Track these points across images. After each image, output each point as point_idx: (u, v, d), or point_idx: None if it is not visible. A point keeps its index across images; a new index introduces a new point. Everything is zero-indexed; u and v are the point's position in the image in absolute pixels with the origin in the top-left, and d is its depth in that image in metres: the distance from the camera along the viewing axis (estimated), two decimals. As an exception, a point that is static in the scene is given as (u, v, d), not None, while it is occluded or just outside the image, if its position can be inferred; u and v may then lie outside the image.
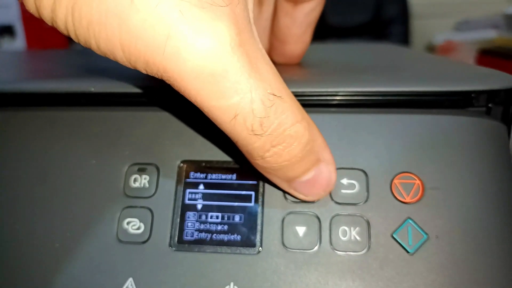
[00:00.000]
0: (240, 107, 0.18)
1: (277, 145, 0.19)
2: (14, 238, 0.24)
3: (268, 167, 0.21)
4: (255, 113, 0.18)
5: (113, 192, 0.24)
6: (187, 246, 0.23)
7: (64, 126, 0.26)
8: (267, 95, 0.18)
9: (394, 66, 0.33)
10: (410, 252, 0.22)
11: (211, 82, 0.17)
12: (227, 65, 0.17)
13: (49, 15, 0.18)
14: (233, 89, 0.18)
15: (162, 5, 0.17)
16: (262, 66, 0.19)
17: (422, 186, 0.23)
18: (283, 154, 0.20)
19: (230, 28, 0.17)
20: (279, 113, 0.19)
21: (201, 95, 0.18)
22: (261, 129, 0.18)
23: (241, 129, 0.18)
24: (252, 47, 0.19)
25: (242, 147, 0.20)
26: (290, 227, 0.23)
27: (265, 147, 0.19)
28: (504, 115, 0.25)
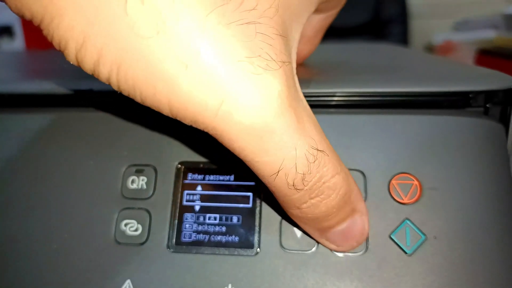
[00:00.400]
0: (283, 164, 0.18)
1: (316, 197, 0.19)
2: (12, 240, 0.24)
3: (304, 217, 0.20)
4: (298, 169, 0.18)
5: (111, 193, 0.24)
6: (185, 248, 0.23)
7: (61, 127, 0.26)
8: (311, 150, 0.18)
9: (393, 66, 0.33)
10: (408, 253, 0.22)
11: (258, 141, 0.17)
12: (276, 125, 0.17)
13: (91, 68, 0.18)
14: (278, 147, 0.17)
15: (216, 72, 0.16)
16: (307, 122, 0.19)
17: (420, 187, 0.23)
18: (321, 205, 0.20)
19: (281, 91, 0.17)
20: (321, 167, 0.19)
21: (247, 151, 0.18)
22: (302, 184, 0.18)
23: (282, 184, 0.18)
24: (299, 104, 0.19)
25: (279, 198, 0.20)
26: (288, 228, 0.23)
27: (303, 199, 0.19)
28: (502, 115, 0.25)
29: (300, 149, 0.18)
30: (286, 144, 0.17)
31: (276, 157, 0.18)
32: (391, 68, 0.32)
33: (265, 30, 0.17)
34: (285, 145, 0.17)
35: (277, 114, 0.17)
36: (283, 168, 0.18)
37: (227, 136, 0.17)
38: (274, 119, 0.17)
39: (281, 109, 0.17)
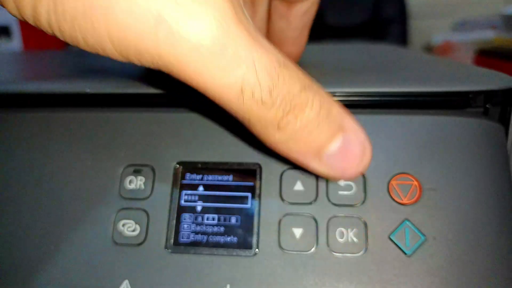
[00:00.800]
0: (245, 80, 0.17)
1: (290, 111, 0.19)
2: (9, 240, 0.24)
3: (288, 138, 0.20)
4: (262, 85, 0.17)
5: (109, 193, 0.24)
6: (183, 248, 0.23)
7: (59, 127, 0.26)
8: (272, 64, 0.18)
9: (391, 66, 0.33)
10: (407, 254, 0.22)
11: (211, 59, 0.17)
12: (227, 39, 0.17)
13: (31, 14, 0.18)
14: (235, 63, 0.17)
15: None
16: (262, 39, 0.18)
17: (419, 187, 0.23)
18: (297, 120, 0.19)
19: (225, 5, 0.17)
20: (287, 79, 0.18)
21: (203, 75, 0.17)
22: (270, 99, 0.18)
23: (251, 104, 0.18)
24: (249, 24, 0.18)
25: (256, 124, 0.19)
26: (287, 228, 0.23)
27: (278, 115, 0.18)
28: (501, 115, 0.25)
29: (259, 63, 0.17)
30: (243, 59, 0.17)
31: (236, 73, 0.17)
32: (390, 69, 0.32)
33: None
34: (242, 59, 0.17)
35: (225, 28, 0.17)
36: (247, 86, 0.17)
37: (176, 61, 0.17)
38: (223, 32, 0.17)
39: (227, 23, 0.17)
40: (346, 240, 0.22)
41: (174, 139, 0.25)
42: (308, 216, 0.23)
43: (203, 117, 0.25)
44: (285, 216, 0.23)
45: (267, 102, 0.18)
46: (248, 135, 0.24)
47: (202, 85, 0.18)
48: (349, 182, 0.23)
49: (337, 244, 0.22)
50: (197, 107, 0.26)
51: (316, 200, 0.23)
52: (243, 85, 0.17)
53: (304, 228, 0.23)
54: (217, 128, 0.25)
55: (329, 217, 0.23)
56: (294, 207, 0.23)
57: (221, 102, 0.18)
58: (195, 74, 0.17)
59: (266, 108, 0.18)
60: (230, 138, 0.24)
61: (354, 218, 0.23)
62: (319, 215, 0.23)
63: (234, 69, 0.17)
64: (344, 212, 0.23)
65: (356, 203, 0.23)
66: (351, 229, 0.22)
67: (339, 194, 0.23)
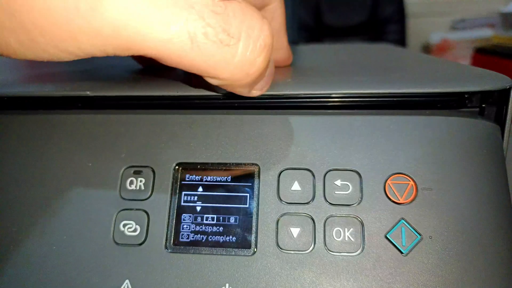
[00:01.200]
0: (190, 25, 0.17)
1: (261, 52, 0.19)
2: (11, 241, 0.24)
3: (251, 81, 0.20)
4: (212, 23, 0.17)
5: (109, 194, 0.24)
6: (183, 248, 0.23)
7: (60, 129, 0.26)
8: (213, 2, 0.17)
9: (388, 67, 0.34)
10: (403, 253, 0.22)
11: (144, 17, 0.16)
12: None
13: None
14: (172, 11, 0.17)
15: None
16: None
17: (415, 187, 0.23)
18: (265, 61, 0.19)
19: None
20: (241, 15, 0.18)
21: (143, 34, 0.17)
22: (228, 36, 0.18)
23: (209, 47, 0.17)
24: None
25: (225, 72, 0.19)
26: (285, 228, 0.23)
27: (249, 58, 0.18)
28: (497, 115, 0.25)
29: (198, 2, 0.17)
30: (179, 5, 0.17)
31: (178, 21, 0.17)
32: (386, 69, 0.32)
33: None
34: (178, 6, 0.17)
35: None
36: (195, 30, 0.17)
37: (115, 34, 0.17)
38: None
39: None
40: (343, 239, 0.22)
41: (173, 140, 0.25)
42: (306, 216, 0.23)
43: (202, 119, 0.25)
44: (282, 216, 0.23)
45: (225, 39, 0.18)
46: (247, 136, 0.24)
47: (150, 47, 0.17)
48: (346, 182, 0.23)
49: (334, 244, 0.22)
50: (196, 108, 0.26)
51: (313, 200, 0.23)
52: (189, 30, 0.17)
53: (301, 228, 0.23)
54: (216, 130, 0.25)
55: (326, 217, 0.23)
56: (292, 207, 0.23)
57: (177, 59, 0.18)
58: (137, 37, 0.17)
59: (230, 48, 0.18)
60: (229, 139, 0.25)
61: (351, 217, 0.23)
62: (316, 215, 0.23)
63: (173, 18, 0.17)
64: (341, 211, 0.23)
65: (353, 203, 0.23)
66: (348, 228, 0.23)
67: (336, 194, 0.23)
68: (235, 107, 0.26)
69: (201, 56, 0.18)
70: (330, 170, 0.24)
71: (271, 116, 0.25)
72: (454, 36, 1.13)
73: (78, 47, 0.17)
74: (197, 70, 0.19)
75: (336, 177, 0.23)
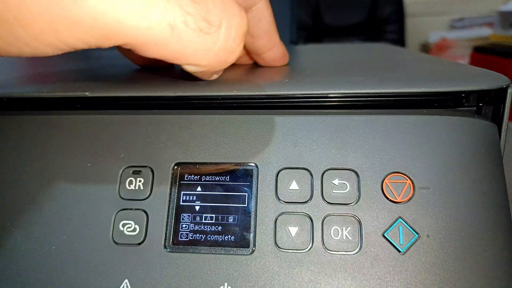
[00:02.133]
0: (169, 13, 0.17)
1: (242, 40, 0.19)
2: (11, 241, 0.24)
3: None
4: (192, 13, 0.17)
5: (108, 194, 0.25)
6: (182, 247, 0.23)
7: (59, 130, 0.26)
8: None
9: (385, 66, 0.34)
10: (401, 251, 0.22)
11: (122, 5, 0.17)
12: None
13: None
14: (150, 3, 0.17)
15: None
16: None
17: (412, 186, 0.23)
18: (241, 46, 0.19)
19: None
20: (221, 4, 0.18)
21: (122, 23, 0.17)
22: (208, 24, 0.18)
23: (190, 35, 0.18)
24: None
25: (204, 59, 0.19)
26: (283, 227, 0.23)
27: (230, 46, 0.18)
28: (494, 114, 0.25)
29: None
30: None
31: (157, 11, 0.17)
32: (383, 69, 0.32)
33: None
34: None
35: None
36: (175, 19, 0.17)
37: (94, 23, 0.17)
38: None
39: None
40: (341, 238, 0.23)
41: (172, 140, 0.25)
42: (304, 215, 0.23)
43: (200, 119, 0.25)
44: (281, 215, 0.23)
45: (205, 27, 0.18)
46: (245, 136, 0.24)
47: (129, 36, 0.17)
48: (344, 181, 0.23)
49: (332, 242, 0.23)
50: (194, 108, 0.26)
51: (311, 199, 0.23)
52: (169, 19, 0.17)
53: (299, 227, 0.23)
54: (214, 129, 0.25)
55: (324, 216, 0.23)
56: (290, 206, 0.23)
57: (156, 49, 0.18)
58: (116, 26, 0.17)
59: (211, 36, 0.18)
60: (227, 139, 0.25)
61: (349, 216, 0.23)
62: (314, 214, 0.23)
63: (152, 5, 0.17)
64: (338, 210, 0.23)
65: (351, 202, 0.23)
66: (346, 227, 0.23)
67: (334, 193, 0.23)
68: (233, 107, 0.26)
69: (181, 44, 0.18)
70: (328, 169, 0.24)
71: (269, 116, 0.25)
72: (453, 35, 1.14)
73: (58, 39, 0.18)
74: (175, 59, 0.19)
75: (333, 176, 0.24)
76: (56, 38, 0.17)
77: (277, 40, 0.31)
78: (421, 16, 1.34)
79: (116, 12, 0.17)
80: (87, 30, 0.17)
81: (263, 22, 0.28)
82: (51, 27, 0.17)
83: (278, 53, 0.31)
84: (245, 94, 0.25)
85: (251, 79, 0.26)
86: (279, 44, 0.31)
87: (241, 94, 0.25)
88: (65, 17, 0.17)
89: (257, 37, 0.29)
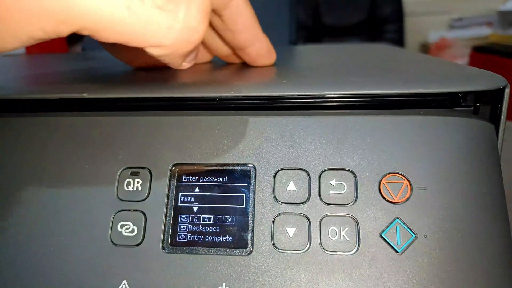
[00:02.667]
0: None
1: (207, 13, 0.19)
2: (9, 243, 0.24)
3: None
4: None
5: (107, 196, 0.25)
6: (180, 248, 0.23)
7: (57, 131, 0.26)
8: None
9: (383, 67, 0.34)
10: (398, 252, 0.22)
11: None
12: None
13: None
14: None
15: None
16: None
17: (410, 186, 0.23)
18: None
19: None
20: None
21: (80, 4, 0.17)
22: (167, 1, 0.18)
23: (149, 12, 0.17)
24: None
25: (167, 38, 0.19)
26: (281, 228, 0.23)
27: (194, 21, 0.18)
28: (492, 114, 0.25)
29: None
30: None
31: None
32: (381, 69, 0.32)
33: None
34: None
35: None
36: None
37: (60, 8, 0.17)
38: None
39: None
40: (338, 238, 0.23)
41: (170, 141, 0.25)
42: (301, 216, 0.23)
43: (198, 120, 0.25)
44: (278, 216, 0.23)
45: (163, 4, 0.18)
46: (243, 136, 0.24)
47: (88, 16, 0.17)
48: (341, 182, 0.23)
49: (329, 243, 0.23)
50: (192, 110, 0.26)
51: (308, 200, 0.23)
52: (127, 2, 0.17)
53: (297, 228, 0.23)
54: (211, 130, 0.25)
55: (322, 216, 0.23)
56: (288, 207, 0.23)
57: (119, 31, 0.18)
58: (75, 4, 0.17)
59: (171, 13, 0.18)
60: (225, 140, 0.25)
61: (346, 217, 0.23)
62: (312, 215, 0.23)
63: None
64: (336, 211, 0.23)
65: (348, 202, 0.23)
66: (343, 228, 0.23)
67: (331, 194, 0.23)
68: (231, 108, 0.26)
69: (140, 24, 0.18)
70: (325, 170, 0.24)
71: (267, 117, 0.25)
72: (452, 34, 1.14)
73: (20, 25, 0.17)
74: (137, 42, 0.18)
75: (331, 177, 0.24)
76: (18, 24, 0.17)
77: (260, 35, 0.31)
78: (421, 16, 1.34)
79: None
80: (43, 15, 0.17)
81: (242, 17, 0.29)
82: (20, 17, 0.17)
83: (261, 48, 0.31)
84: (242, 95, 0.25)
85: (249, 80, 0.27)
86: (263, 39, 0.31)
87: (239, 95, 0.25)
88: (26, 5, 0.17)
89: (238, 33, 0.30)
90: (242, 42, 0.30)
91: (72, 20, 0.18)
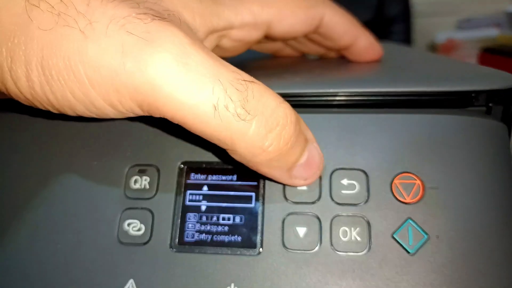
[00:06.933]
0: (215, 96, 0.18)
1: (272, 129, 0.20)
2: (17, 240, 0.24)
3: (271, 158, 0.21)
4: (233, 98, 0.18)
5: (114, 193, 0.24)
6: (188, 247, 0.23)
7: (65, 128, 0.26)
8: (237, 80, 0.19)
9: (394, 65, 0.33)
10: (410, 252, 0.22)
11: (179, 79, 0.18)
12: (187, 58, 0.18)
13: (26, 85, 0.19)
14: (201, 81, 0.18)
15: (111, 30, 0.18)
16: (222, 60, 0.19)
17: (422, 186, 0.23)
18: (281, 138, 0.20)
19: (177, 32, 0.19)
20: (258, 96, 0.19)
21: (176, 98, 0.18)
22: (245, 112, 0.19)
23: (228, 118, 0.19)
24: (205, 47, 0.19)
25: (239, 144, 0.20)
26: (291, 227, 0.23)
27: (261, 132, 0.19)
28: (504, 114, 0.25)
29: (224, 79, 0.18)
30: (207, 76, 0.18)
31: (205, 89, 0.18)
32: (393, 68, 0.32)
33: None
34: (207, 77, 0.18)
35: (183, 49, 0.18)
36: (219, 101, 0.18)
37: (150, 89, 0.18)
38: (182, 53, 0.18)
39: (183, 45, 0.18)
40: (350, 239, 0.22)
41: (178, 139, 0.25)
42: (312, 215, 0.23)
43: None
44: (288, 215, 0.23)
45: (242, 115, 0.19)
46: None
47: (178, 110, 0.19)
48: (352, 181, 0.23)
49: (340, 243, 0.22)
50: None
51: (319, 199, 0.23)
52: (213, 101, 0.18)
53: (307, 227, 0.23)
54: None
55: (333, 216, 0.23)
56: (298, 206, 0.23)
57: (200, 127, 0.19)
58: (169, 99, 0.18)
59: (245, 123, 0.19)
60: None
61: (357, 217, 0.23)
62: (323, 214, 0.23)
63: (202, 86, 0.18)
64: (347, 211, 0.23)
65: (359, 202, 0.23)
66: (354, 228, 0.23)
67: (342, 193, 0.23)
68: None
69: (221, 125, 0.19)
70: (336, 169, 0.23)
71: None
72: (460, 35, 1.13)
73: (120, 101, 0.19)
74: (217, 140, 0.20)
75: (342, 176, 0.23)
76: (118, 100, 0.19)
77: (359, 33, 0.31)
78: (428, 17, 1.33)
79: (172, 87, 0.18)
80: (145, 97, 0.19)
81: (338, 26, 0.30)
82: (114, 88, 0.18)
83: (363, 43, 0.32)
84: None
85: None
86: (363, 35, 0.32)
87: None
88: (128, 83, 0.18)
89: (338, 40, 0.31)
90: (344, 45, 0.32)
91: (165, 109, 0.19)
